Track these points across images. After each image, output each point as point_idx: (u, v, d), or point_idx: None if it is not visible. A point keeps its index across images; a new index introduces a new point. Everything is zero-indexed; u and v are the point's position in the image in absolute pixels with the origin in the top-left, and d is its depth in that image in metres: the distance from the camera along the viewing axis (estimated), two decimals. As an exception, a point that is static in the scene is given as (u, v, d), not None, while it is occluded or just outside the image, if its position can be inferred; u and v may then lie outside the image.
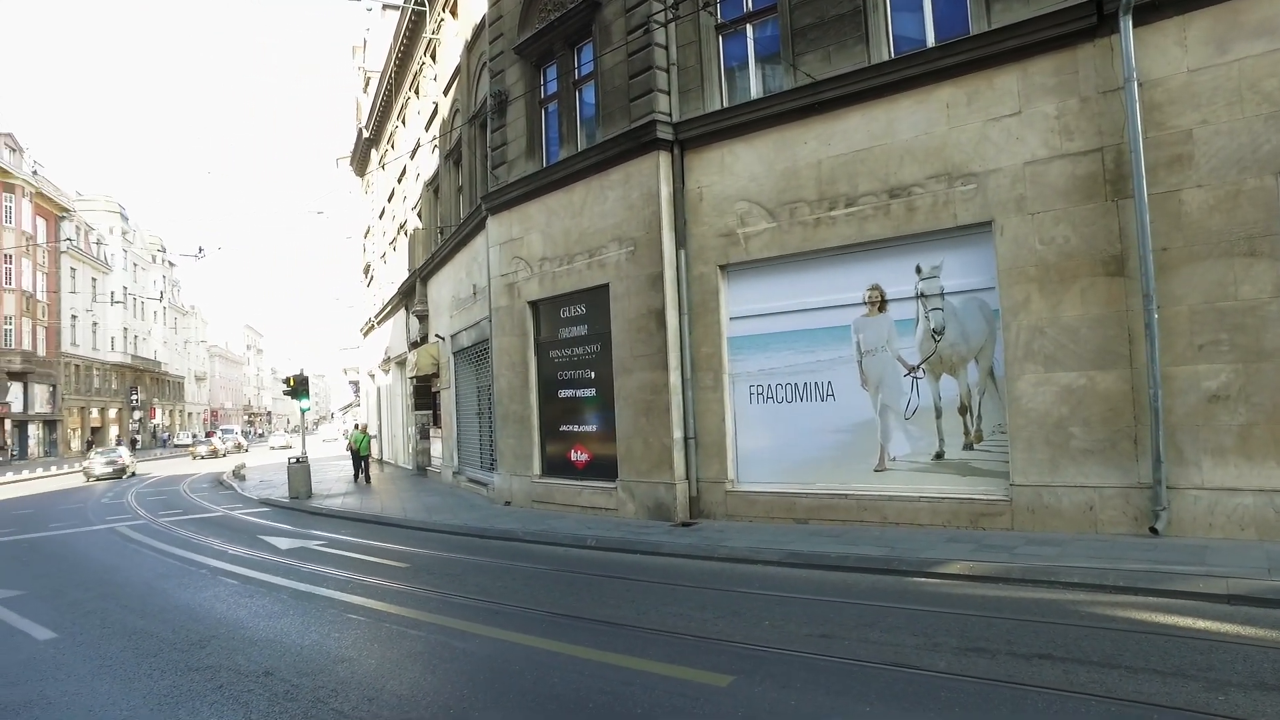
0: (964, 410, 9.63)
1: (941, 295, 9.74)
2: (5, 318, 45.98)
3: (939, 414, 9.80)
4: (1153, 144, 8.09)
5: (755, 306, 11.27)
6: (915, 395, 9.98)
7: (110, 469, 32.20)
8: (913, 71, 9.57)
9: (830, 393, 10.65)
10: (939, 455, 9.79)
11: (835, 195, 10.28)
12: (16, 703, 5.36)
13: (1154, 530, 7.98)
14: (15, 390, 47.32)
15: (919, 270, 9.86)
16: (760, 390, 11.27)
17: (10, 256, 46.20)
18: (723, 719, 4.39)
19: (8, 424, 47.12)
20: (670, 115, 11.76)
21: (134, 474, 34.06)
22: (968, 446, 9.60)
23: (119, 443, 53.98)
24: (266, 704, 4.98)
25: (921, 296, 9.88)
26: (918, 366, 9.95)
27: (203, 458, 46.30)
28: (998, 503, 9.10)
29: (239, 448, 54.80)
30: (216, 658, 6.05)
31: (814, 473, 10.71)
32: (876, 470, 10.23)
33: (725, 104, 11.55)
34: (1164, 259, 8.04)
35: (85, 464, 33.59)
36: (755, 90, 11.41)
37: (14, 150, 49.30)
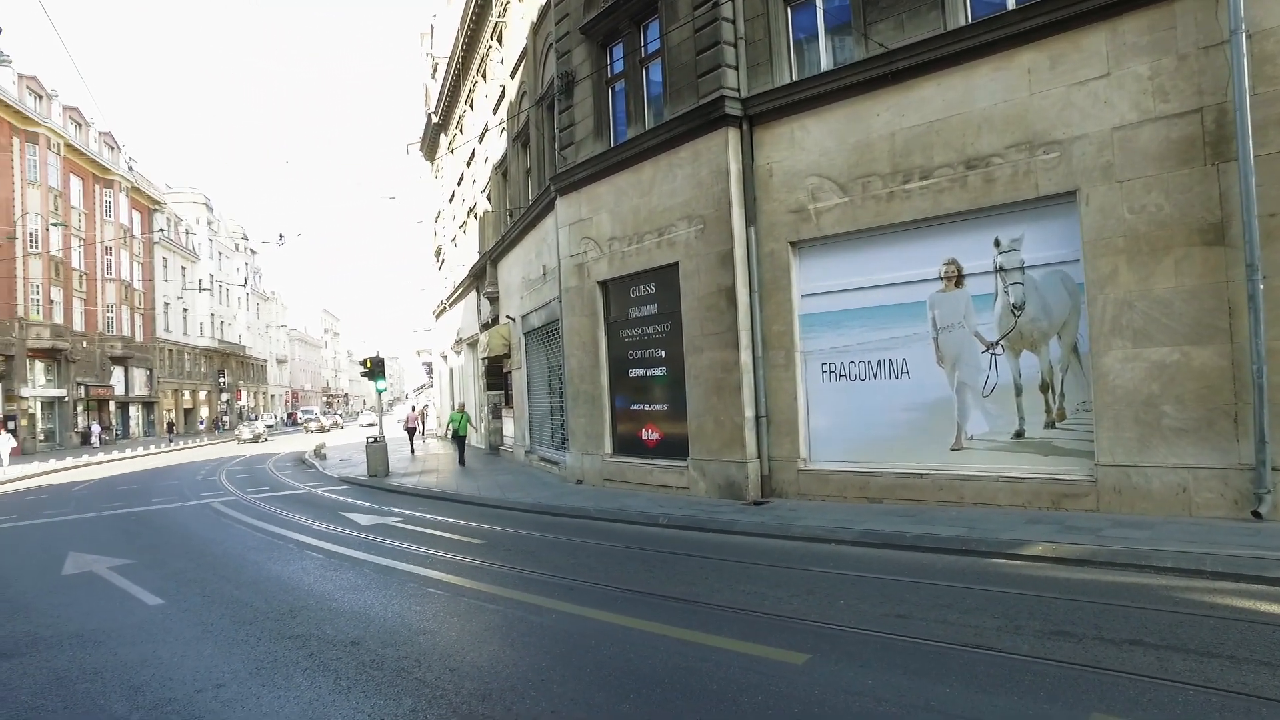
0: (1045, 387, 9.31)
1: (1021, 269, 9.40)
2: (107, 306, 48.65)
3: (1019, 391, 9.50)
4: (1262, 101, 7.59)
5: (827, 283, 11.10)
6: (994, 372, 9.70)
7: (253, 435, 47.45)
8: (991, 36, 9.21)
9: (905, 370, 10.44)
10: (1019, 434, 9.51)
11: (909, 168, 10.01)
12: (134, 661, 5.75)
13: (1257, 514, 7.59)
14: (117, 374, 50.19)
15: (998, 243, 9.54)
16: (833, 368, 11.11)
17: (111, 248, 48.79)
18: (799, 697, 4.38)
19: (112, 405, 50.02)
20: (738, 91, 11.61)
21: (267, 439, 48.57)
22: (1049, 425, 9.29)
23: (215, 424, 63.03)
24: (354, 672, 5.18)
25: (1000, 270, 9.56)
26: (996, 343, 9.65)
27: (312, 431, 58.70)
28: (1082, 483, 8.79)
29: (337, 425, 68.97)
30: (306, 627, 6.33)
31: (888, 451, 10.54)
32: (953, 449, 10.00)
33: (794, 77, 11.34)
34: (1272, 225, 7.56)
35: (237, 431, 49.44)
36: (825, 62, 11.16)
37: (112, 148, 51.90)
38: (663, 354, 13.14)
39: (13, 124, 39.70)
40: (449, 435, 23.02)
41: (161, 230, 57.64)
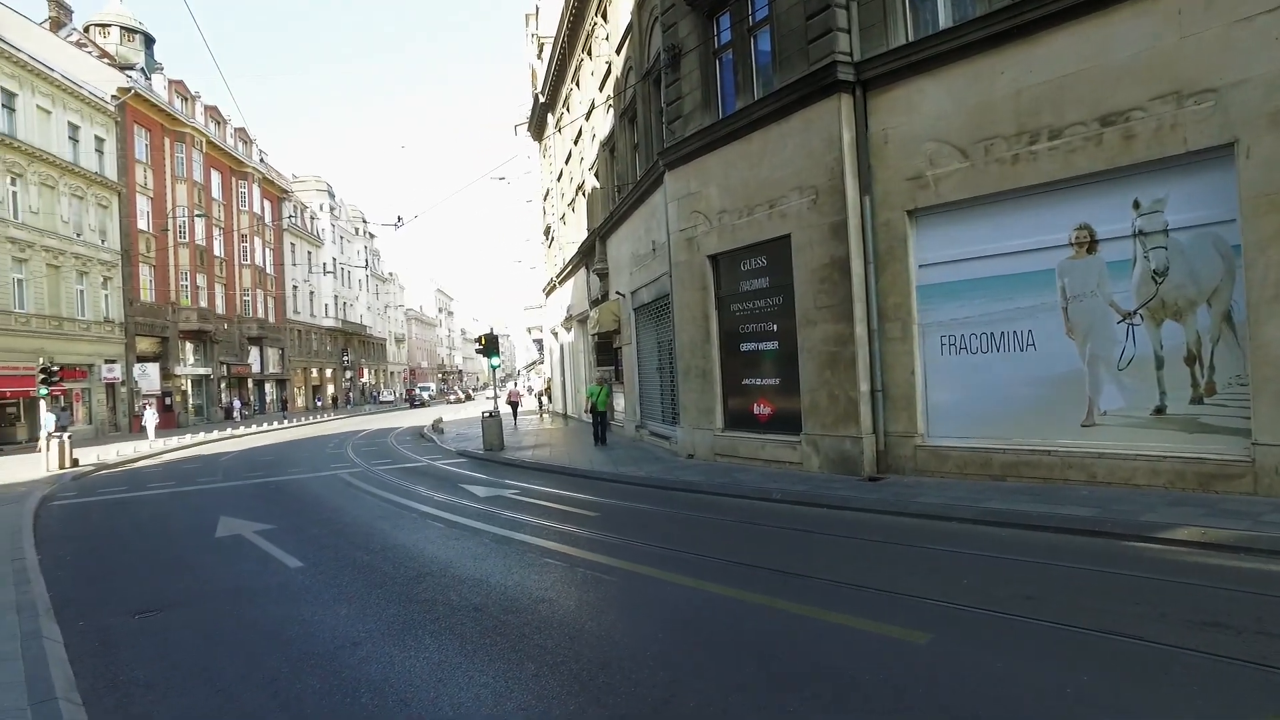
0: (1191, 360, 8.63)
1: (1164, 232, 8.71)
2: (244, 290, 52.16)
3: (1160, 364, 8.85)
4: None
5: (946, 253, 10.63)
6: (1131, 344, 9.06)
7: (420, 402, 64.64)
8: (1133, -22, 8.49)
9: (1030, 342, 9.91)
10: (1159, 409, 8.87)
11: (1037, 128, 9.41)
12: (281, 618, 6.24)
13: None
14: (253, 354, 53.85)
15: (1137, 205, 8.86)
16: (952, 341, 10.67)
17: (246, 235, 52.20)
18: (923, 676, 4.27)
19: (249, 383, 53.80)
20: (851, 55, 11.21)
21: (424, 403, 66.16)
22: (1196, 400, 8.62)
23: (334, 400, 68.43)
24: (478, 636, 5.41)
25: (1140, 234, 8.89)
26: (1134, 312, 9.01)
27: (451, 403, 70.25)
28: (1235, 463, 8.11)
29: (469, 397, 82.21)
30: (432, 592, 6.65)
31: (1012, 427, 10.06)
32: (1084, 425, 9.43)
33: (910, 38, 10.85)
34: None
35: (406, 394, 71.79)
36: (944, 20, 10.61)
37: (246, 143, 55.32)
38: (774, 328, 12.96)
39: (164, 125, 43.09)
40: (587, 411, 22.09)
41: (290, 217, 61.16)
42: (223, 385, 49.30)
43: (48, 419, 22.06)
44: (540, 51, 36.97)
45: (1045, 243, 9.64)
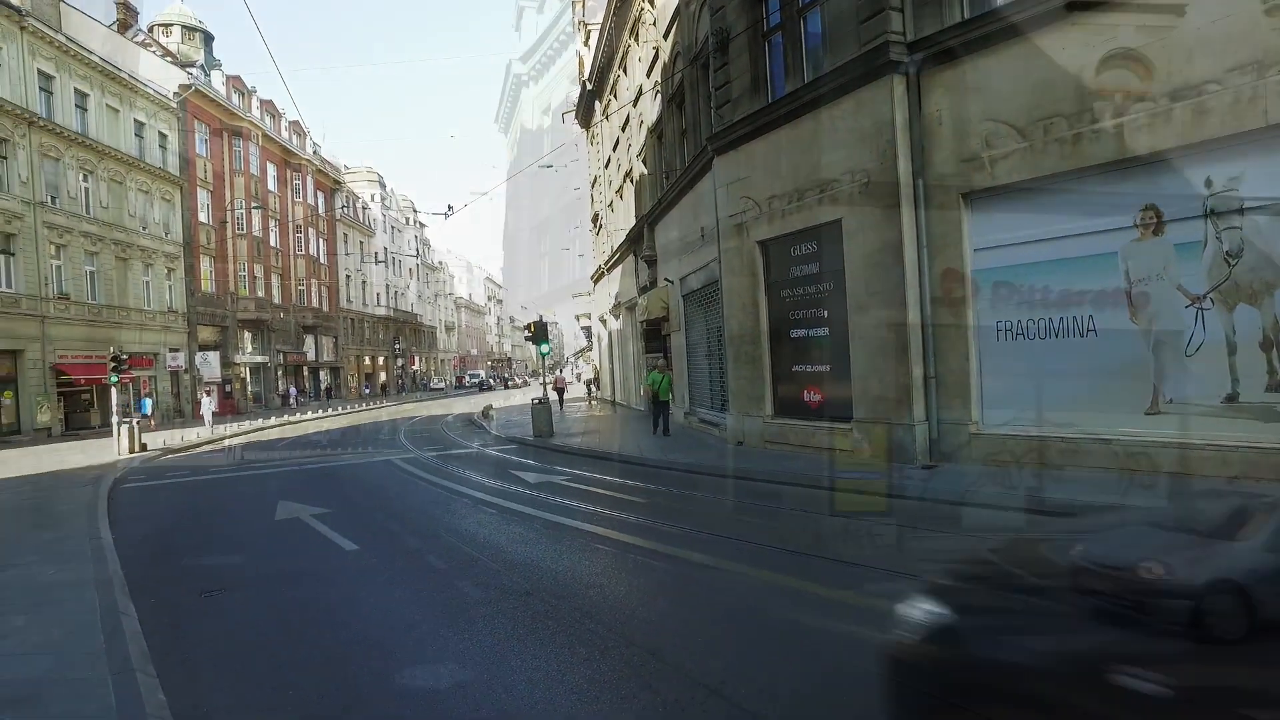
0: (1268, 345, 8.25)
1: (1240, 211, 8.31)
2: (298, 280, 53.38)
3: (1232, 350, 8.49)
4: None
5: (1003, 236, 10.36)
6: (1200, 329, 8.71)
7: (482, 384, 73.71)
8: (1211, -58, 8.09)
9: (1091, 328, 9.60)
10: (1231, 397, 8.51)
11: (1099, 106, 9.08)
12: (337, 600, 6.43)
13: None
14: (308, 342, 55.17)
15: (1209, 184, 8.48)
16: (1008, 326, 10.40)
17: (300, 226, 53.40)
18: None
19: (305, 370, 55.17)
20: (904, 34, 10.96)
21: (490, 387, 73.08)
22: (1273, 388, 8.24)
23: (383, 388, 69.23)
24: (530, 620, 5.49)
25: (1212, 214, 8.51)
26: (1204, 296, 8.65)
27: (506, 388, 73.82)
28: (1316, 454, 7.76)
29: (525, 383, 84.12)
30: (484, 577, 6.75)
31: (1070, 415, 9.76)
32: (1148, 413, 9.11)
33: (965, 16, 10.54)
34: None
35: (457, 380, 78.61)
36: (1002, -4, 10.30)
37: (299, 136, 56.50)
38: (825, 314, 12.80)
39: (223, 121, 44.32)
40: (648, 399, 21.04)
41: (342, 208, 62.35)
42: (279, 373, 50.61)
43: (144, 402, 23.58)
44: (587, 38, 36.90)
45: (1108, 225, 9.31)
